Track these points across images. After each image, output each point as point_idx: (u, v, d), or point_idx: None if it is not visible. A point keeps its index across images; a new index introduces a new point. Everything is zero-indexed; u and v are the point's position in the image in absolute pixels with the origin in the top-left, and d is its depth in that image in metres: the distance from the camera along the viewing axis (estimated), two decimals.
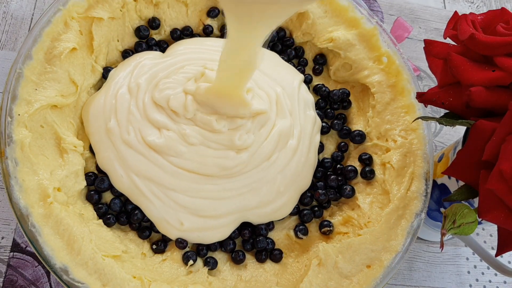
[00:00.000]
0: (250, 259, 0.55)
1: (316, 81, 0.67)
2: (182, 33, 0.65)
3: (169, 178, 0.53)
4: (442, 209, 0.56)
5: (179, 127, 0.54)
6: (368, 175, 0.57)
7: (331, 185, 0.58)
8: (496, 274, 0.66)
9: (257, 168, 0.55)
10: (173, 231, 0.52)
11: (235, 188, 0.54)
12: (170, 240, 0.53)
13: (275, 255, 0.55)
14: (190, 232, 0.52)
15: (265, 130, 0.56)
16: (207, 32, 0.65)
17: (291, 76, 0.62)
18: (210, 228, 0.53)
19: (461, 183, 0.47)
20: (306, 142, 0.58)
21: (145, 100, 0.56)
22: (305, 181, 0.58)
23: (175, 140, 0.53)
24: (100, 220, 0.52)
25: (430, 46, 0.47)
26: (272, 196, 0.55)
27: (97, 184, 0.53)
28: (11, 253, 0.56)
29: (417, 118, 0.53)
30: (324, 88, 0.64)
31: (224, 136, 0.54)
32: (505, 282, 0.66)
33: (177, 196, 0.52)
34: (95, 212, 0.53)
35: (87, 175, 0.53)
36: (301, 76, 0.63)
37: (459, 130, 0.74)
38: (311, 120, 0.60)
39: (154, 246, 0.53)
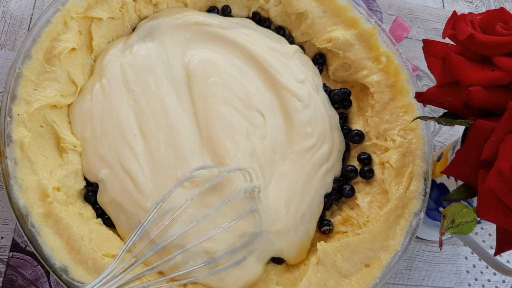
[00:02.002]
0: None
1: None
2: None
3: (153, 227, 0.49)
4: (441, 209, 0.56)
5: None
6: (367, 174, 0.57)
7: (333, 186, 0.58)
8: (495, 273, 0.66)
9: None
10: None
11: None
12: None
13: None
14: None
15: None
16: None
17: (314, 76, 0.63)
18: None
19: (460, 182, 0.48)
20: (336, 155, 0.59)
21: (115, 105, 0.54)
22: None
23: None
24: (100, 219, 0.52)
25: (429, 46, 0.47)
26: (293, 240, 0.54)
27: (95, 185, 0.53)
28: (11, 253, 0.56)
29: (416, 118, 0.53)
30: (325, 88, 0.64)
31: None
32: (504, 281, 0.66)
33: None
34: (94, 212, 0.53)
35: None
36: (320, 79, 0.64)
37: (458, 130, 0.74)
38: (338, 136, 0.61)
39: None
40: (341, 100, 0.64)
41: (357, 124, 0.63)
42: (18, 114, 0.49)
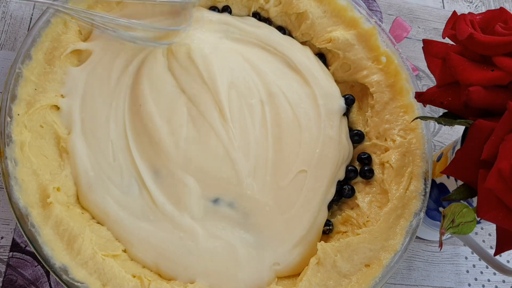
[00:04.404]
0: None
1: None
2: None
3: None
4: (441, 209, 0.56)
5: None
6: (367, 174, 0.57)
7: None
8: (495, 273, 0.66)
9: None
10: None
11: None
12: None
13: None
14: None
15: None
16: None
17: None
18: None
19: (460, 182, 0.48)
20: (343, 164, 0.60)
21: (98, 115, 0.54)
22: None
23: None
24: None
25: (429, 46, 0.47)
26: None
27: None
28: (11, 253, 0.56)
29: (416, 118, 0.53)
30: None
31: None
32: (503, 281, 0.66)
33: None
34: None
35: None
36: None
37: (458, 130, 0.74)
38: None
39: None
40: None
41: (357, 124, 0.63)
42: (18, 114, 0.49)
